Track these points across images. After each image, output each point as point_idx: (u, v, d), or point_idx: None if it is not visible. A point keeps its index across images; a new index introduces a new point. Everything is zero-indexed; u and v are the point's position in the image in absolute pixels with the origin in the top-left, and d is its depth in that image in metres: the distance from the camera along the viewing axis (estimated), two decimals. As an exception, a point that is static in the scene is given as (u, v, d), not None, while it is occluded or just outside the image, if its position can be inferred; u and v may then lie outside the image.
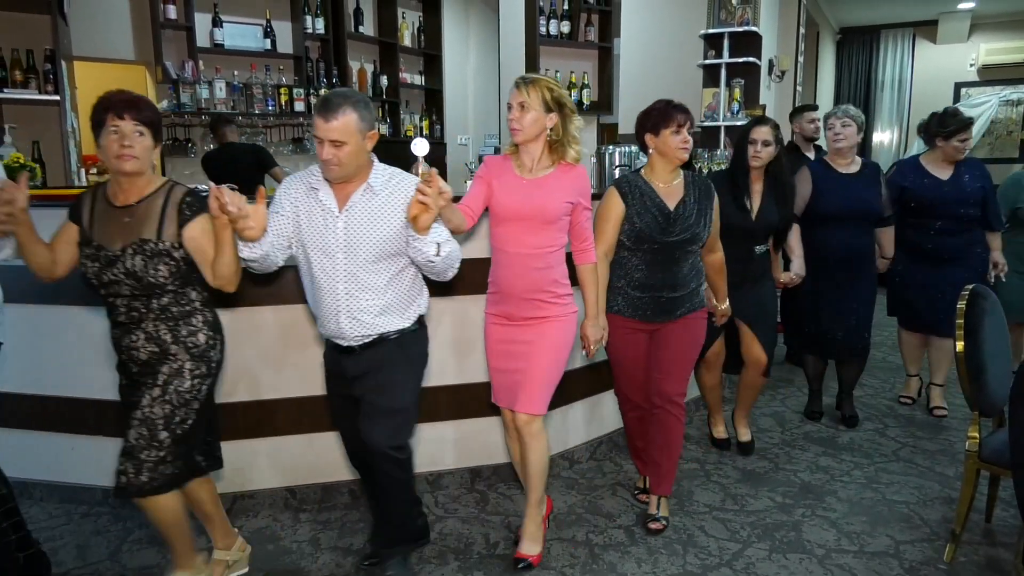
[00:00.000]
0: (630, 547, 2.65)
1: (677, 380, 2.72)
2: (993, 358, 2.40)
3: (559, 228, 2.39)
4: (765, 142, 3.08)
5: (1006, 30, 8.92)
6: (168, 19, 5.03)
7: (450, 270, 2.20)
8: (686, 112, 2.59)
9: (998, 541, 2.67)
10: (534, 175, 2.38)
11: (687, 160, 2.68)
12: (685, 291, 2.67)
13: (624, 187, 2.65)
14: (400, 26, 6.56)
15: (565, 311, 2.44)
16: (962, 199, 3.62)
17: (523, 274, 2.38)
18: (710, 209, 2.67)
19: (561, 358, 2.46)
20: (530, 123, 2.31)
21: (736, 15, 5.46)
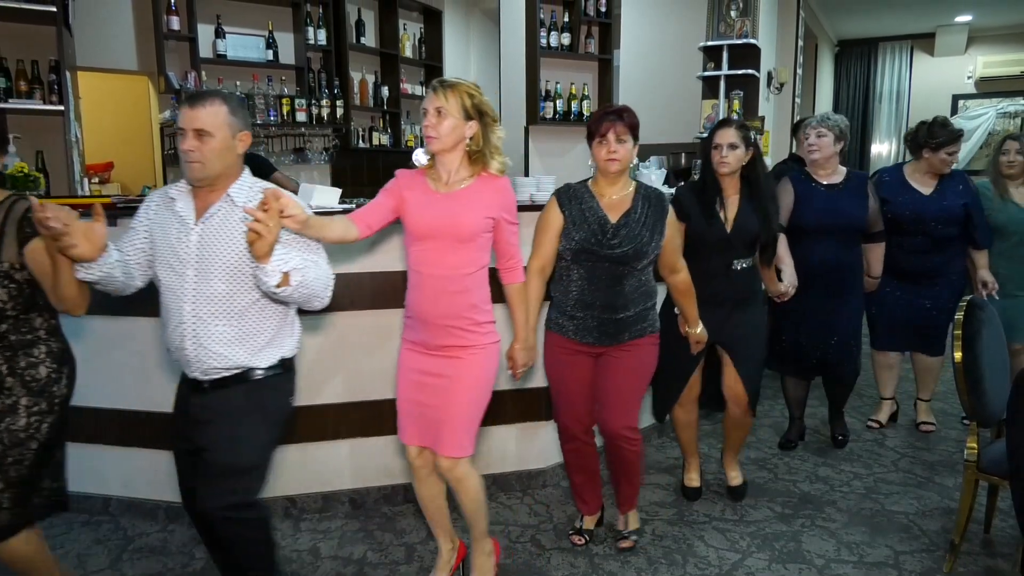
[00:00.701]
0: (630, 557, 2.65)
1: (623, 413, 2.50)
2: (991, 369, 2.41)
3: (478, 247, 2.18)
4: (731, 145, 2.72)
5: (1003, 43, 8.99)
6: (171, 30, 5.06)
7: (314, 299, 1.94)
8: (620, 120, 2.37)
9: (997, 552, 2.67)
10: (450, 188, 2.17)
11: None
12: (630, 313, 2.44)
13: (564, 197, 2.49)
14: (401, 37, 6.60)
15: (485, 341, 2.22)
16: (942, 217, 3.46)
17: (437, 298, 2.16)
18: (661, 224, 2.45)
19: (483, 395, 2.24)
20: (447, 131, 2.11)
21: (735, 28, 5.50)
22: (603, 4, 5.24)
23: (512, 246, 2.27)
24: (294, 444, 2.92)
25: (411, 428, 2.28)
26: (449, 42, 7.12)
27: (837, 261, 3.32)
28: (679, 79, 5.74)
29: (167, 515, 2.87)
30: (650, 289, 2.52)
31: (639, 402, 2.56)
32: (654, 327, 2.55)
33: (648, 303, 2.51)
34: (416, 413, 2.25)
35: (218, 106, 1.88)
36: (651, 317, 2.53)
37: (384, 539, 2.77)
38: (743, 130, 2.75)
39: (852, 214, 3.32)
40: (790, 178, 3.44)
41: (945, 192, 3.50)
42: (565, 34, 5.11)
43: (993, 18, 8.54)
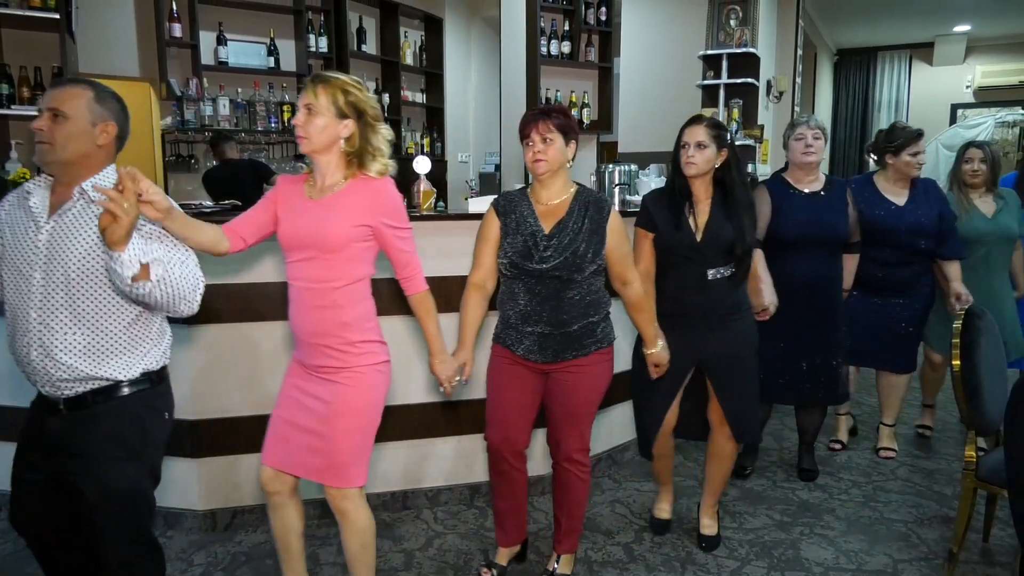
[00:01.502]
0: (628, 564, 2.65)
1: (573, 436, 2.34)
2: (989, 377, 2.42)
3: (351, 258, 1.97)
4: (699, 144, 2.44)
5: (1002, 52, 9.03)
6: (173, 37, 5.09)
7: (180, 302, 1.73)
8: (546, 119, 2.19)
9: (995, 561, 2.67)
10: (323, 195, 1.98)
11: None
12: (574, 327, 2.25)
13: (501, 205, 2.30)
14: (402, 45, 6.64)
15: (362, 363, 2.01)
16: (916, 229, 3.28)
17: (305, 313, 1.99)
18: (601, 232, 2.24)
19: (367, 421, 2.05)
20: (317, 130, 1.92)
21: (735, 37, 5.53)
22: (603, 13, 5.27)
23: (405, 253, 2.04)
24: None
25: (275, 448, 2.07)
26: (450, 50, 7.16)
27: (820, 275, 3.10)
28: (679, 87, 5.76)
29: (166, 521, 2.87)
30: (598, 300, 2.31)
31: (591, 424, 2.39)
32: (605, 341, 2.34)
33: (596, 316, 2.30)
34: (285, 434, 2.05)
35: (83, 91, 1.75)
36: (600, 331, 2.32)
37: (382, 546, 2.77)
38: (715, 128, 2.47)
39: (836, 224, 3.10)
40: (767, 185, 3.20)
41: (918, 202, 3.33)
42: (565, 42, 5.14)
43: (992, 28, 8.58)
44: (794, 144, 3.12)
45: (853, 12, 7.93)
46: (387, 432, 2.95)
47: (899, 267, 3.35)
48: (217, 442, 2.82)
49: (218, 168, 5.10)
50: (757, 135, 5.35)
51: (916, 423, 4.00)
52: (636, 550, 2.75)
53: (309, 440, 2.02)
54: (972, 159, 3.51)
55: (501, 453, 2.37)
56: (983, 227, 3.48)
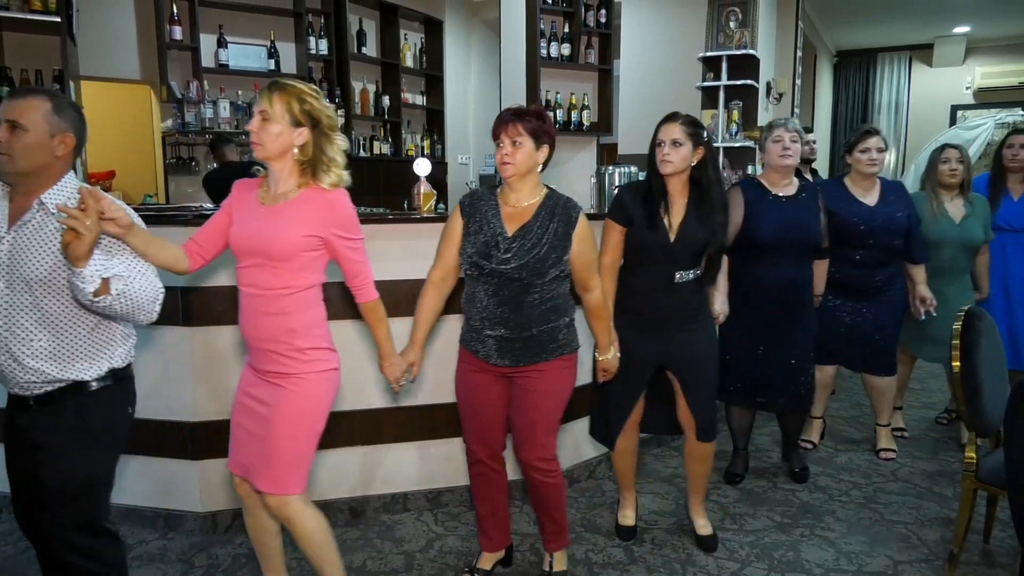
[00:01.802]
0: (629, 565, 2.65)
1: (536, 443, 2.30)
2: (989, 378, 2.42)
3: (299, 267, 1.97)
4: (675, 142, 2.42)
5: (1001, 54, 9.03)
6: (174, 40, 5.10)
7: (139, 313, 1.78)
8: (518, 121, 2.16)
9: (996, 562, 2.67)
10: (275, 202, 2.00)
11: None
12: (534, 331, 2.22)
13: (467, 204, 2.29)
14: (402, 47, 6.65)
15: (309, 369, 2.01)
16: (889, 228, 3.28)
17: (253, 319, 2.00)
18: (566, 239, 2.21)
19: (309, 428, 2.04)
20: (272, 137, 1.93)
21: (734, 38, 5.54)
22: (603, 15, 5.27)
23: (356, 263, 2.05)
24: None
25: (235, 454, 2.10)
26: (450, 52, 7.17)
27: (792, 280, 3.05)
28: (678, 89, 5.76)
29: (166, 523, 2.87)
30: (561, 306, 2.28)
31: (555, 430, 2.34)
32: (568, 347, 2.31)
33: (559, 320, 2.27)
34: (242, 439, 2.08)
35: (41, 102, 1.77)
36: (563, 336, 2.29)
37: (383, 547, 2.78)
38: (691, 126, 2.45)
39: (810, 228, 3.05)
40: (741, 187, 3.13)
41: (889, 201, 3.33)
42: (565, 44, 5.14)
43: (991, 29, 8.58)
44: (772, 146, 3.05)
45: (852, 13, 7.93)
46: (387, 434, 2.97)
47: (875, 268, 3.33)
48: (217, 444, 2.81)
49: (218, 170, 5.10)
50: (757, 137, 5.36)
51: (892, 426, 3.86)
52: (637, 552, 2.75)
53: (253, 444, 2.04)
54: (949, 159, 3.50)
55: (478, 456, 2.40)
56: (950, 233, 3.48)
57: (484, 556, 2.56)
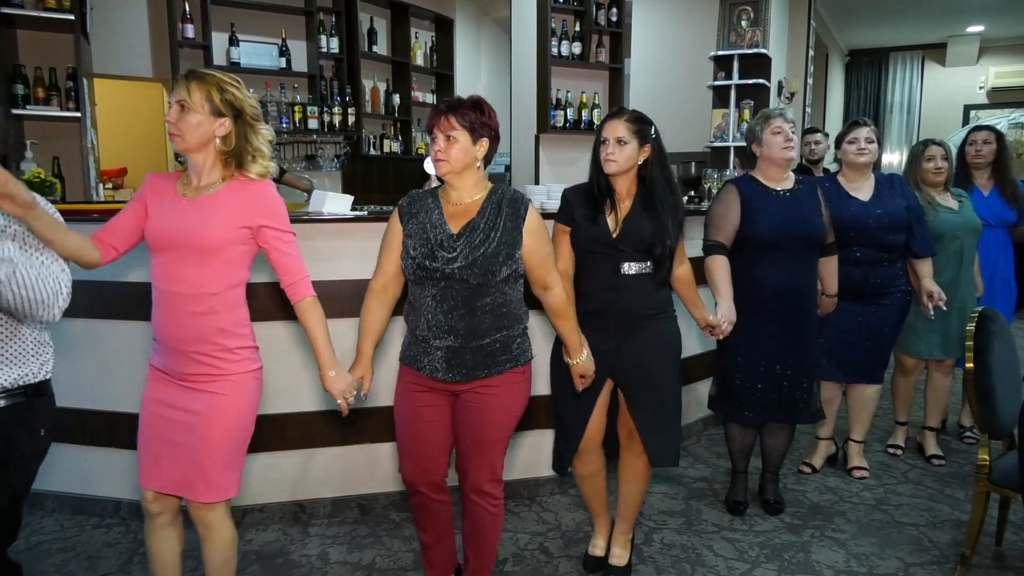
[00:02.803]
0: (638, 565, 2.64)
1: (485, 465, 2.12)
2: (1002, 380, 2.40)
3: (228, 261, 1.90)
4: (619, 140, 2.28)
5: (1015, 53, 8.97)
6: (186, 38, 5.12)
7: (37, 306, 1.67)
8: (451, 113, 2.01)
9: (1008, 565, 2.65)
10: (197, 194, 1.91)
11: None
12: (487, 340, 2.06)
13: (406, 207, 2.12)
14: (413, 46, 6.65)
15: (239, 369, 1.94)
16: (886, 223, 3.12)
17: (177, 319, 1.88)
18: (516, 233, 2.06)
19: (243, 431, 1.98)
20: (192, 127, 1.86)
21: (746, 37, 5.52)
22: (614, 14, 5.27)
23: (288, 257, 1.95)
24: (303, 450, 2.94)
25: (151, 470, 1.96)
26: (460, 51, 7.17)
27: (796, 282, 2.84)
28: (689, 88, 5.75)
29: (177, 519, 2.89)
30: (514, 312, 2.11)
31: (504, 451, 2.17)
32: (522, 359, 2.14)
33: (513, 329, 2.10)
34: (159, 453, 1.95)
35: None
36: (517, 346, 2.12)
37: (393, 545, 2.78)
38: (637, 123, 2.31)
39: (814, 222, 2.85)
40: (736, 184, 2.90)
41: (883, 196, 3.18)
42: (576, 43, 5.14)
43: (1005, 28, 8.52)
44: (772, 138, 2.82)
45: (865, 13, 7.89)
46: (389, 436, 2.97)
47: (875, 267, 3.17)
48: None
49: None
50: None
51: (888, 443, 3.74)
52: (646, 551, 2.74)
53: (181, 455, 1.92)
54: (934, 156, 3.44)
55: (416, 487, 2.18)
56: (953, 220, 3.40)
57: None
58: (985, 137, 3.75)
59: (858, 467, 3.44)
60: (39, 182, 3.17)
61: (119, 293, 2.79)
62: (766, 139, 2.84)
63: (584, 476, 2.54)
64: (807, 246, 2.86)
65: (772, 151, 2.84)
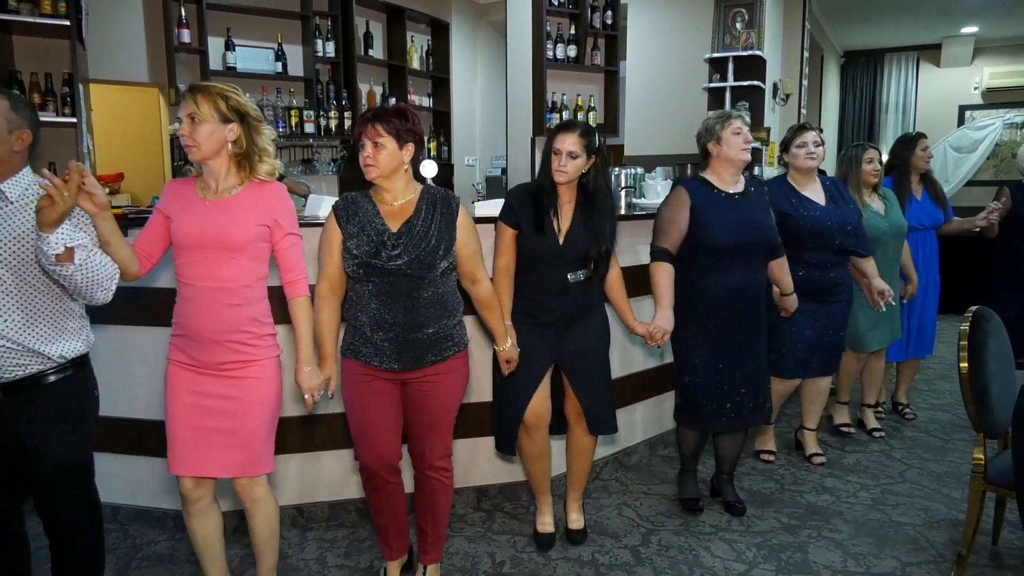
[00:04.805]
0: (635, 567, 2.65)
1: (435, 443, 2.31)
2: (997, 379, 2.41)
3: (253, 256, 2.07)
4: (571, 153, 2.43)
5: (1010, 54, 8.99)
6: (182, 43, 5.12)
7: (96, 289, 1.90)
8: (377, 121, 2.15)
9: (1005, 564, 2.66)
10: (219, 196, 2.07)
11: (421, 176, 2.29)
12: (430, 330, 2.20)
13: (342, 209, 2.23)
14: (409, 49, 6.66)
15: (268, 354, 2.13)
16: (845, 228, 3.19)
17: (215, 312, 2.03)
18: (449, 229, 2.22)
19: (276, 410, 2.18)
20: (205, 137, 2.01)
21: (740, 39, 5.53)
22: (609, 17, 5.28)
23: (292, 257, 2.13)
24: (302, 453, 2.94)
25: (190, 457, 2.10)
26: (456, 54, 7.18)
27: (749, 288, 2.81)
28: (685, 90, 5.76)
29: (175, 524, 2.89)
30: (451, 301, 2.28)
31: (451, 431, 2.37)
32: (462, 344, 2.32)
33: (451, 318, 2.27)
34: (198, 440, 2.09)
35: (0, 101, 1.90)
36: (456, 335, 2.29)
37: (390, 548, 2.78)
38: (587, 136, 2.46)
39: (768, 227, 2.84)
40: (686, 187, 2.83)
41: (836, 201, 3.26)
42: (571, 46, 5.15)
43: (999, 29, 8.54)
44: (733, 138, 2.78)
45: (860, 14, 7.91)
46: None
47: (830, 269, 3.26)
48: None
49: (226, 172, 5.13)
50: (763, 138, 5.36)
51: (838, 423, 3.99)
52: (643, 553, 2.75)
53: (224, 439, 2.09)
54: (873, 159, 3.59)
55: (374, 471, 2.31)
56: (881, 225, 3.56)
57: (390, 565, 2.52)
58: (923, 145, 3.95)
59: (816, 454, 3.60)
60: (35, 188, 3.16)
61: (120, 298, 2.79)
62: (725, 138, 2.80)
63: (533, 456, 2.72)
64: (762, 251, 2.85)
65: (731, 151, 2.79)
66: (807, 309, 3.19)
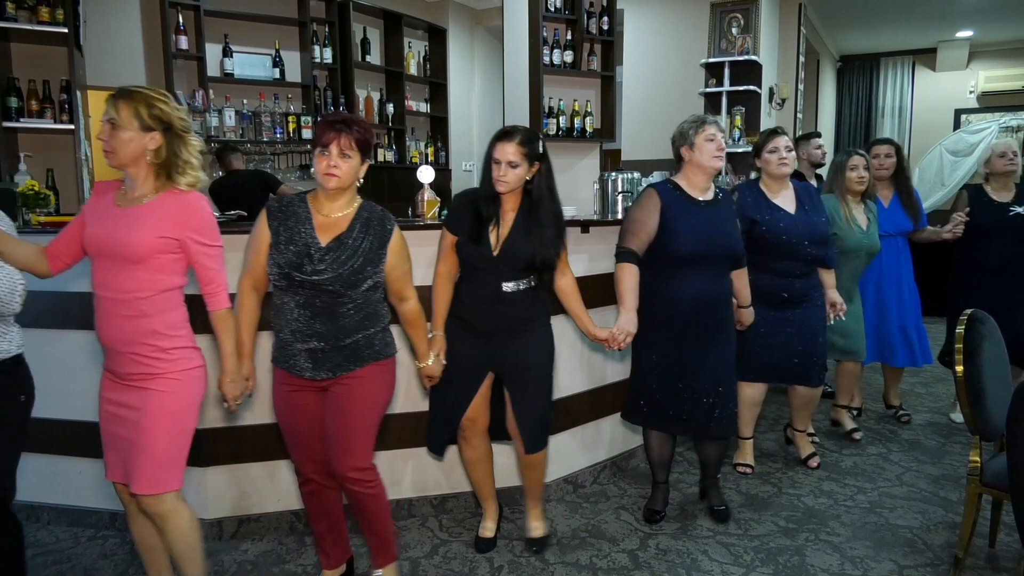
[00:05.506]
0: (633, 571, 2.65)
1: (350, 453, 2.20)
2: (993, 382, 2.42)
3: (156, 269, 1.99)
4: (511, 163, 2.38)
5: (1004, 57, 9.04)
6: (179, 49, 5.14)
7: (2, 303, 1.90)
8: (348, 132, 2.10)
9: (1002, 566, 2.67)
10: (131, 204, 2.02)
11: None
12: (353, 339, 2.18)
13: (275, 211, 2.18)
14: (406, 55, 6.69)
15: (174, 368, 2.04)
16: (815, 238, 3.14)
17: (113, 323, 2.01)
18: (380, 250, 2.17)
19: (181, 426, 2.07)
20: (123, 144, 1.95)
21: (736, 44, 5.56)
22: (605, 22, 5.30)
23: (210, 270, 2.06)
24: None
25: (111, 463, 2.12)
26: (453, 60, 7.21)
27: (710, 294, 2.76)
28: (681, 95, 5.79)
29: (173, 529, 2.89)
30: (375, 312, 2.24)
31: (370, 439, 2.26)
32: (385, 352, 2.27)
33: (376, 327, 2.24)
34: (114, 447, 2.10)
35: None
36: (380, 342, 2.25)
37: (388, 553, 2.78)
38: (527, 145, 2.39)
39: (734, 237, 2.80)
40: (657, 190, 2.79)
41: (807, 209, 3.19)
42: (568, 51, 5.17)
43: (994, 33, 8.59)
44: (705, 145, 2.73)
45: (855, 18, 7.95)
46: (393, 440, 2.98)
47: (799, 278, 3.18)
48: (223, 451, 2.84)
49: (224, 179, 5.14)
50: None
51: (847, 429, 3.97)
52: (641, 557, 2.75)
53: (123, 447, 2.07)
54: (857, 166, 3.52)
55: (308, 475, 2.32)
56: (862, 241, 3.54)
57: (325, 574, 2.50)
58: (887, 151, 3.95)
59: (811, 455, 3.57)
60: (33, 195, 3.17)
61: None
62: (698, 144, 2.75)
63: (472, 461, 2.72)
64: (726, 260, 2.81)
65: (703, 158, 2.75)
66: (776, 317, 3.16)
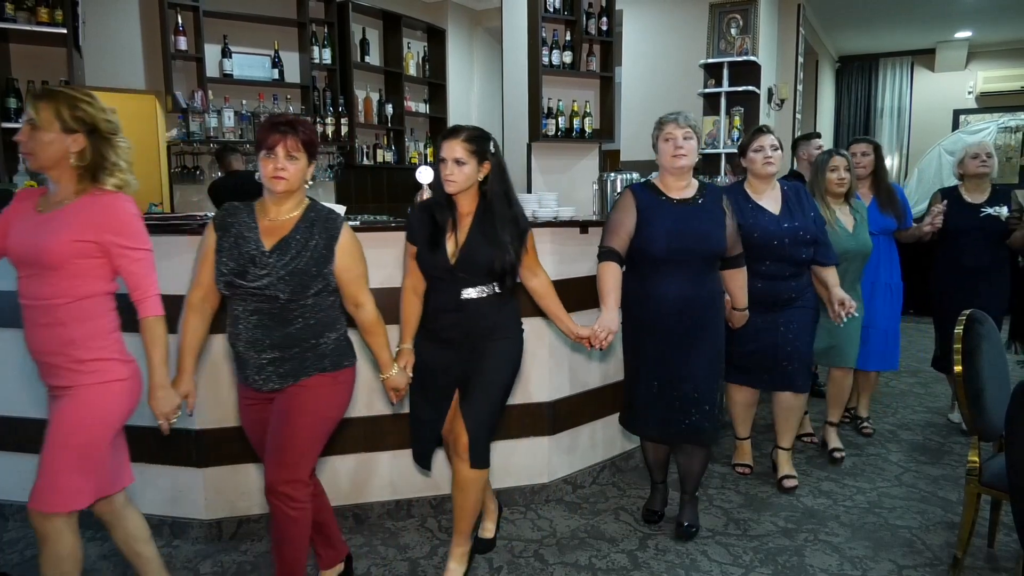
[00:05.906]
0: (632, 571, 2.65)
1: (283, 466, 2.08)
2: (992, 382, 2.42)
3: (73, 275, 1.90)
4: (458, 161, 2.27)
5: (1003, 58, 9.05)
6: (179, 50, 5.15)
7: None
8: (293, 134, 2.04)
9: (1001, 566, 2.67)
10: (50, 209, 1.94)
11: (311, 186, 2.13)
12: (298, 349, 2.10)
13: (220, 219, 2.12)
14: (405, 56, 6.69)
15: (89, 381, 1.93)
16: (801, 238, 3.05)
17: (33, 331, 1.94)
18: (328, 249, 2.09)
19: (87, 441, 1.94)
20: (42, 147, 1.89)
21: (735, 45, 5.57)
22: (604, 23, 5.30)
23: (136, 275, 1.96)
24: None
25: None
26: (452, 60, 7.22)
27: (692, 296, 2.67)
28: (680, 96, 5.79)
29: (171, 531, 2.89)
30: (328, 319, 2.15)
31: (309, 454, 2.14)
32: (337, 363, 2.17)
33: (331, 334, 2.16)
34: None
35: None
36: (335, 350, 2.16)
37: (388, 554, 2.78)
38: (474, 142, 2.30)
39: (712, 236, 2.68)
40: (633, 190, 2.77)
41: (792, 209, 3.10)
42: (567, 52, 5.17)
43: (993, 34, 8.60)
44: (663, 146, 2.71)
45: (854, 19, 7.96)
46: (390, 441, 2.98)
47: (783, 280, 3.09)
48: (222, 451, 2.84)
49: (223, 179, 5.15)
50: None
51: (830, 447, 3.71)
52: (640, 557, 2.75)
53: None
54: (837, 167, 3.43)
55: None
56: (848, 244, 3.41)
57: (323, 574, 2.48)
58: (864, 150, 3.85)
59: (787, 476, 3.34)
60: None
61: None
62: (658, 145, 2.74)
63: None
64: (705, 260, 2.70)
65: (662, 159, 2.73)
66: (763, 320, 3.09)
